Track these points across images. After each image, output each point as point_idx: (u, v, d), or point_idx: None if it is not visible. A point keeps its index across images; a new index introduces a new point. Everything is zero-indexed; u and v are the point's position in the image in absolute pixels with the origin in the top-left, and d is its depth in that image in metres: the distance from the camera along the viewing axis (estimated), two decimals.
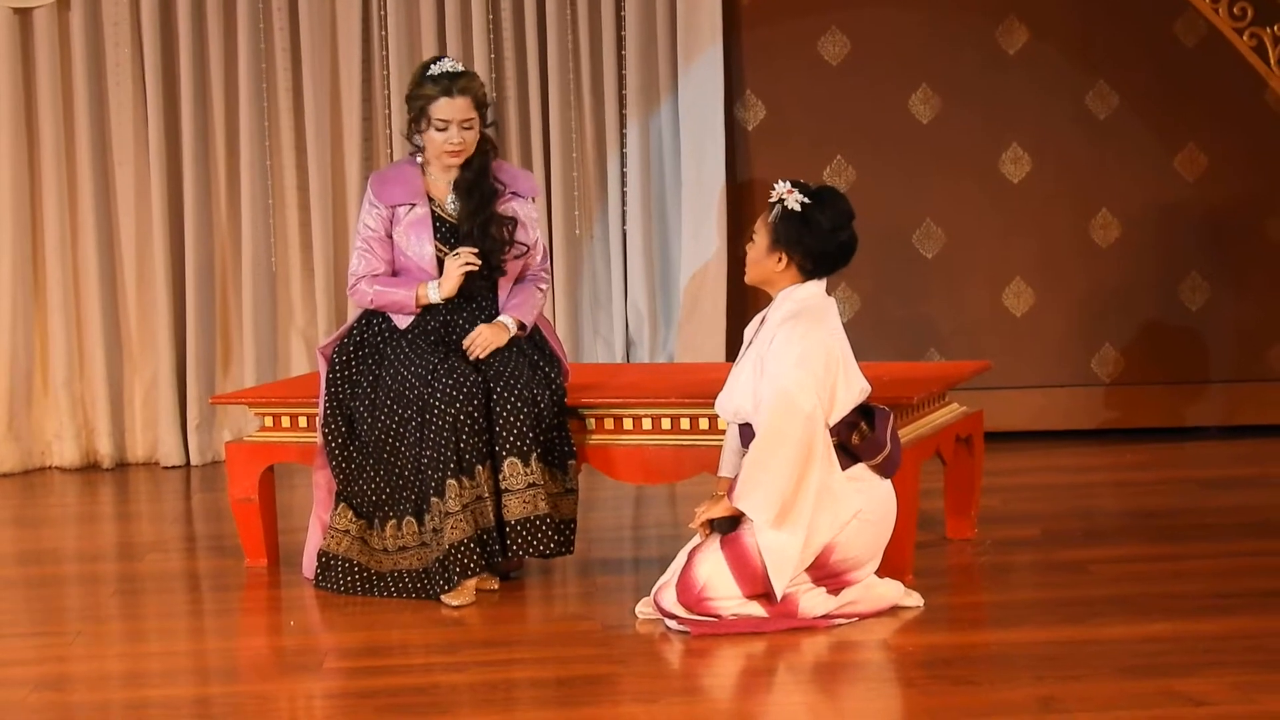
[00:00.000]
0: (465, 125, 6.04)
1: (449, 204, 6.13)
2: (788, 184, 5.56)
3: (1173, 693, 4.74)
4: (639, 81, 8.50)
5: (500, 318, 6.10)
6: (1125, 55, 8.48)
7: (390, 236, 6.13)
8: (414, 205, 6.11)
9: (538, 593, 6.09)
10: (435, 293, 6.06)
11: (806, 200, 5.52)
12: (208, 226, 8.60)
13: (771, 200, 5.57)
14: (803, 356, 5.43)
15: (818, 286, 5.60)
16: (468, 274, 6.06)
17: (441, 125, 6.04)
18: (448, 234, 6.11)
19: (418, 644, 5.53)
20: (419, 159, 6.17)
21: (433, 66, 6.07)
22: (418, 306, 6.08)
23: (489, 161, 6.13)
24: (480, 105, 6.07)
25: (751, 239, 5.62)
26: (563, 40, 8.52)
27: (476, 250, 6.06)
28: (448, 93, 6.02)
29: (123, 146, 8.57)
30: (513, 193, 6.16)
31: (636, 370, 7.24)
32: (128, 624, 5.93)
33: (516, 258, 6.15)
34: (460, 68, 6.09)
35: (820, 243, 5.53)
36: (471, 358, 6.02)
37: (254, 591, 6.24)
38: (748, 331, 5.70)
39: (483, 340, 6.03)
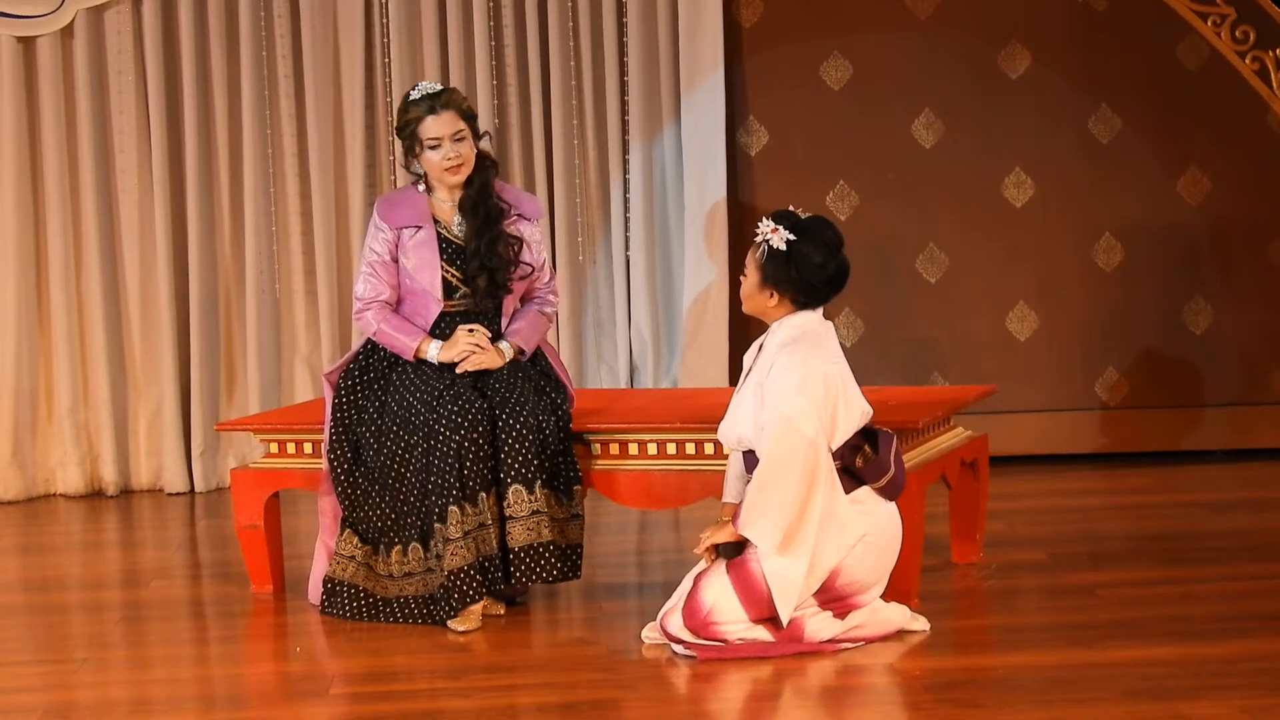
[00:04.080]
0: (457, 137, 6.07)
1: (455, 226, 6.15)
2: (771, 222, 5.53)
3: (1179, 716, 4.73)
4: (641, 107, 8.50)
5: (500, 342, 6.11)
6: (1127, 79, 8.49)
7: (396, 260, 6.14)
8: (420, 228, 6.13)
9: (543, 618, 6.09)
10: (435, 354, 6.07)
11: (792, 237, 5.51)
12: (211, 253, 8.61)
13: (756, 239, 5.56)
14: (803, 382, 5.43)
15: (814, 313, 5.59)
16: (473, 292, 6.09)
17: (434, 144, 6.07)
18: (454, 255, 6.12)
19: (423, 669, 5.53)
20: (421, 187, 6.18)
21: (411, 93, 6.14)
22: (415, 358, 6.10)
23: (490, 178, 6.16)
24: (466, 117, 6.10)
25: (744, 273, 5.62)
26: (565, 67, 8.53)
27: (490, 335, 6.09)
28: (431, 110, 6.06)
29: (126, 174, 8.58)
30: (518, 214, 6.18)
31: (640, 395, 7.24)
32: (133, 651, 5.92)
33: (522, 278, 6.18)
34: (438, 86, 6.15)
35: (809, 277, 5.51)
36: (459, 370, 6.03)
37: (260, 618, 6.23)
38: (746, 358, 5.70)
39: (475, 361, 6.04)
